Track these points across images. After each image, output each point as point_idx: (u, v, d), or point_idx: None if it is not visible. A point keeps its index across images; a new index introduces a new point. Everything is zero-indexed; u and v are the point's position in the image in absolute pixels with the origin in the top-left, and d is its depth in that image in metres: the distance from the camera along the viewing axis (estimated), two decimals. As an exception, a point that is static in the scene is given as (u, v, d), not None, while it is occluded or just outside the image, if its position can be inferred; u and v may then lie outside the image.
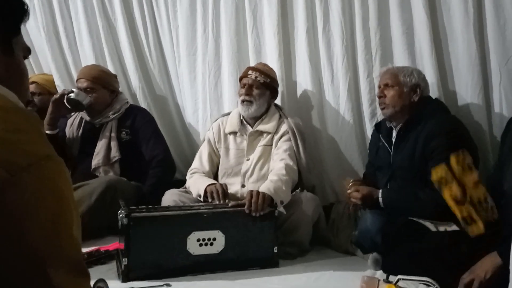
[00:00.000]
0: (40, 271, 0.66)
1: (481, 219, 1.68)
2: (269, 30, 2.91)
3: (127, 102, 3.07)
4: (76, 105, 2.85)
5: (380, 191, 2.28)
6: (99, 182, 2.70)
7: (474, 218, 1.68)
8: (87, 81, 2.90)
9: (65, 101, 2.81)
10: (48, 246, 0.67)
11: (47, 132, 2.85)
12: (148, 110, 3.19)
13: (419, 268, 1.79)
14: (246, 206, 2.26)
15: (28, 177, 0.66)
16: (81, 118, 3.04)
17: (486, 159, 2.43)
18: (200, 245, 2.23)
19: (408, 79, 2.35)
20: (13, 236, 0.64)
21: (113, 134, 2.92)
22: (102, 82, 2.93)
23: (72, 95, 2.82)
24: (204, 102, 3.15)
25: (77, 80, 2.99)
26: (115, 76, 3.09)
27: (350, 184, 2.38)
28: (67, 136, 3.02)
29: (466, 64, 2.47)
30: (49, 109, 2.88)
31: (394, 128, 2.43)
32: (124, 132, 2.94)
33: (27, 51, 0.92)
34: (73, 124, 3.04)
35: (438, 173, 1.76)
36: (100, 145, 2.91)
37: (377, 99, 2.67)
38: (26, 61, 3.26)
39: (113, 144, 2.90)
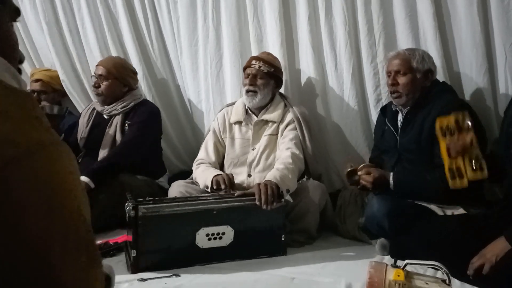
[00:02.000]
0: (44, 263, 0.64)
1: (468, 176, 1.73)
2: (270, 18, 2.89)
3: (140, 98, 3.07)
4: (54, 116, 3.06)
5: (391, 173, 2.27)
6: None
7: (461, 172, 1.73)
8: (102, 69, 2.96)
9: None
10: (50, 235, 0.64)
11: None
12: (153, 102, 3.19)
13: (426, 253, 1.78)
14: (256, 199, 2.26)
15: (18, 170, 0.62)
16: (93, 109, 3.09)
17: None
18: (209, 239, 2.23)
19: (421, 66, 2.32)
20: (11, 230, 0.62)
21: (118, 127, 2.94)
22: (115, 74, 2.95)
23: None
24: (207, 93, 3.14)
25: (96, 66, 3.04)
26: (133, 73, 3.09)
27: (361, 166, 2.36)
28: (79, 126, 3.08)
29: (470, 45, 2.45)
30: None
31: (400, 112, 2.41)
32: (126, 126, 2.96)
33: (14, 14, 0.86)
34: (85, 115, 3.10)
35: (442, 121, 1.80)
36: (107, 138, 2.94)
37: (381, 83, 2.66)
38: (27, 58, 3.21)
39: (118, 137, 2.92)
